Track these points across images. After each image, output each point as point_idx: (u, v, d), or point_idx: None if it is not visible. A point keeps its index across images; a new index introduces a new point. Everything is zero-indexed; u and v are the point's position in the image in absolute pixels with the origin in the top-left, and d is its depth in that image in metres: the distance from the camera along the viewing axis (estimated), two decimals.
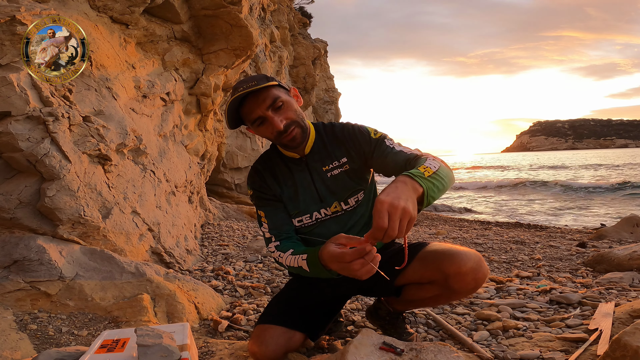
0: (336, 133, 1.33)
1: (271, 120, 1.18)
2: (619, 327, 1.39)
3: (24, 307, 1.59)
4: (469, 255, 1.18)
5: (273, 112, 1.19)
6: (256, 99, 1.18)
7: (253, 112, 1.19)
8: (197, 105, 3.76)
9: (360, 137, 1.30)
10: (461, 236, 4.70)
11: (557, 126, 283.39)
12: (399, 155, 1.23)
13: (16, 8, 1.73)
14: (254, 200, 1.35)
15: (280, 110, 1.20)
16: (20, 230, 1.79)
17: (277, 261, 1.28)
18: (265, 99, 1.17)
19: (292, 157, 1.32)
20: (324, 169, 1.31)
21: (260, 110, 1.18)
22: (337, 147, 1.32)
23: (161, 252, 2.50)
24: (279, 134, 1.20)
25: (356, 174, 1.32)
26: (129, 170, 2.38)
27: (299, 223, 1.34)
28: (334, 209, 1.33)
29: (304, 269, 1.15)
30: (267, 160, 1.37)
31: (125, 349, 1.07)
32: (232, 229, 4.31)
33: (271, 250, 1.29)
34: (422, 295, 1.33)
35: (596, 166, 31.77)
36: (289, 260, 1.20)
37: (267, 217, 1.31)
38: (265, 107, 1.18)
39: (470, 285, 1.19)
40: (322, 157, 1.31)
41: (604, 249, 3.63)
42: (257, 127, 1.22)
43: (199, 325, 1.74)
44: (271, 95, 1.18)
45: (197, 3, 3.09)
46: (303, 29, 12.36)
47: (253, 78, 1.19)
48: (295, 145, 1.24)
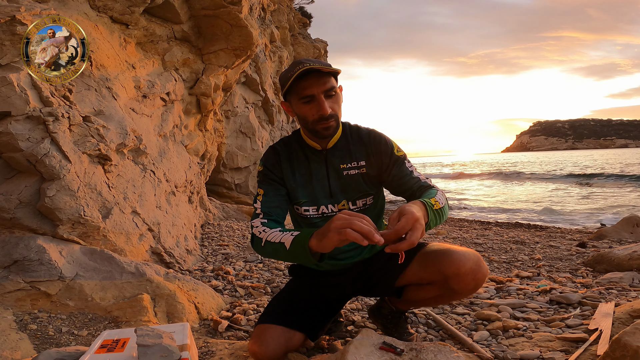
0: (361, 136, 1.35)
1: (322, 103, 1.20)
2: (619, 327, 1.39)
3: (24, 307, 1.59)
4: (468, 255, 1.18)
5: (325, 97, 1.21)
6: (317, 79, 1.20)
7: (309, 88, 1.20)
8: (197, 105, 3.76)
9: (383, 148, 1.32)
10: (461, 236, 4.70)
11: (557, 126, 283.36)
12: (414, 181, 1.28)
13: (16, 8, 1.73)
14: (260, 176, 1.35)
15: (331, 99, 1.23)
16: (20, 230, 1.79)
17: (254, 237, 1.22)
18: (325, 83, 1.20)
19: (313, 147, 1.33)
20: (342, 167, 1.32)
21: (317, 90, 1.20)
22: (359, 149, 1.34)
23: (161, 252, 2.50)
24: (321, 118, 1.22)
25: (371, 179, 1.34)
26: (129, 170, 2.38)
27: (305, 212, 1.35)
28: (341, 206, 1.34)
29: (283, 247, 1.10)
30: (287, 144, 1.38)
31: (125, 349, 1.07)
32: (232, 229, 4.31)
33: (255, 225, 1.24)
34: (423, 295, 1.34)
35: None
36: (272, 236, 1.15)
37: (265, 195, 1.31)
38: (322, 90, 1.20)
39: (470, 285, 1.19)
40: (343, 154, 1.33)
41: (604, 249, 3.63)
42: (302, 104, 1.23)
43: (199, 325, 1.74)
44: (331, 82, 1.22)
45: (197, 3, 3.09)
46: (303, 29, 12.35)
47: (318, 61, 1.22)
48: (327, 136, 1.26)
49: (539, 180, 15.63)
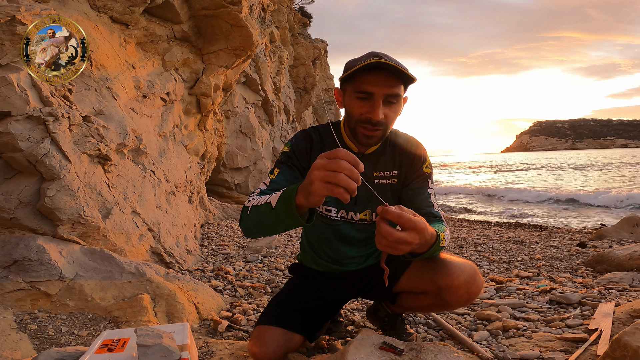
0: (398, 143, 1.27)
1: (376, 106, 1.08)
2: (619, 327, 1.39)
3: (24, 307, 1.59)
4: (464, 267, 1.15)
5: (384, 102, 1.09)
6: (386, 78, 1.07)
7: (372, 85, 1.07)
8: (197, 105, 3.76)
9: (415, 160, 1.26)
10: (461, 236, 4.69)
11: (557, 126, 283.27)
12: (426, 203, 1.21)
13: (16, 8, 1.74)
14: (283, 157, 1.22)
15: (390, 107, 1.11)
16: (20, 230, 1.79)
17: (242, 211, 1.08)
18: (392, 86, 1.08)
19: (349, 148, 1.23)
20: (374, 174, 1.26)
21: (379, 89, 1.07)
22: (394, 157, 1.26)
23: (161, 252, 2.50)
24: (367, 121, 1.10)
25: (398, 190, 1.28)
26: (129, 170, 2.38)
27: (327, 212, 1.29)
28: (363, 216, 1.29)
29: (269, 207, 0.95)
30: (322, 135, 1.26)
31: (125, 349, 1.07)
32: (232, 229, 4.31)
33: (251, 197, 1.09)
34: (417, 304, 1.32)
35: None
36: (259, 200, 1.01)
37: (281, 174, 1.17)
38: (385, 93, 1.07)
39: (462, 298, 1.16)
40: (377, 162, 1.26)
41: (604, 249, 3.63)
42: (355, 98, 1.11)
43: (199, 325, 1.74)
44: (398, 89, 1.09)
45: (197, 3, 3.09)
46: (303, 29, 12.35)
47: (397, 61, 1.07)
48: (366, 144, 1.17)
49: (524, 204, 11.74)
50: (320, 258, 1.41)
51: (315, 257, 1.43)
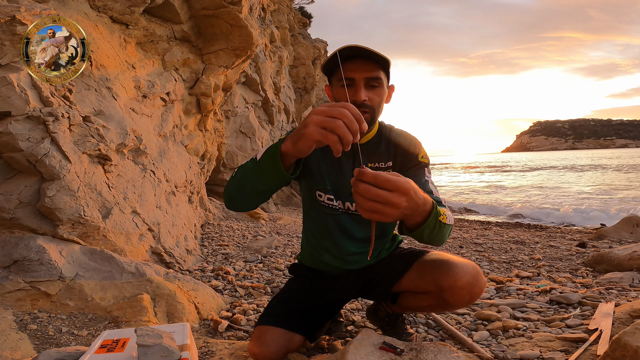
0: (393, 136, 1.31)
1: (359, 89, 1.13)
2: (619, 327, 1.39)
3: (24, 307, 1.59)
4: (466, 268, 1.15)
5: (366, 86, 1.14)
6: (365, 64, 1.12)
7: (352, 71, 1.12)
8: (197, 105, 3.76)
9: (410, 150, 1.28)
10: (461, 236, 4.70)
11: (557, 126, 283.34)
12: (426, 189, 1.19)
13: (16, 8, 1.74)
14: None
15: (372, 90, 1.15)
16: (20, 230, 1.79)
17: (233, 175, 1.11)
18: (371, 70, 1.13)
19: None
20: (370, 165, 1.28)
21: (359, 75, 1.12)
22: (388, 149, 1.30)
23: (161, 252, 2.50)
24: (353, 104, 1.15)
25: None
26: (129, 170, 2.38)
27: (328, 201, 1.31)
28: None
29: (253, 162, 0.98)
30: None
31: (125, 349, 1.07)
32: (232, 229, 4.31)
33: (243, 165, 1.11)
34: (418, 304, 1.32)
35: None
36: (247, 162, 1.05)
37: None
38: (365, 77, 1.13)
39: (465, 299, 1.16)
40: (373, 153, 1.29)
41: (604, 249, 3.63)
42: (340, 87, 1.17)
43: (199, 325, 1.74)
44: (377, 72, 1.14)
45: (197, 3, 3.09)
46: (303, 29, 12.35)
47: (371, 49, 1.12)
48: None
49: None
50: (321, 256, 1.41)
51: (316, 254, 1.43)
